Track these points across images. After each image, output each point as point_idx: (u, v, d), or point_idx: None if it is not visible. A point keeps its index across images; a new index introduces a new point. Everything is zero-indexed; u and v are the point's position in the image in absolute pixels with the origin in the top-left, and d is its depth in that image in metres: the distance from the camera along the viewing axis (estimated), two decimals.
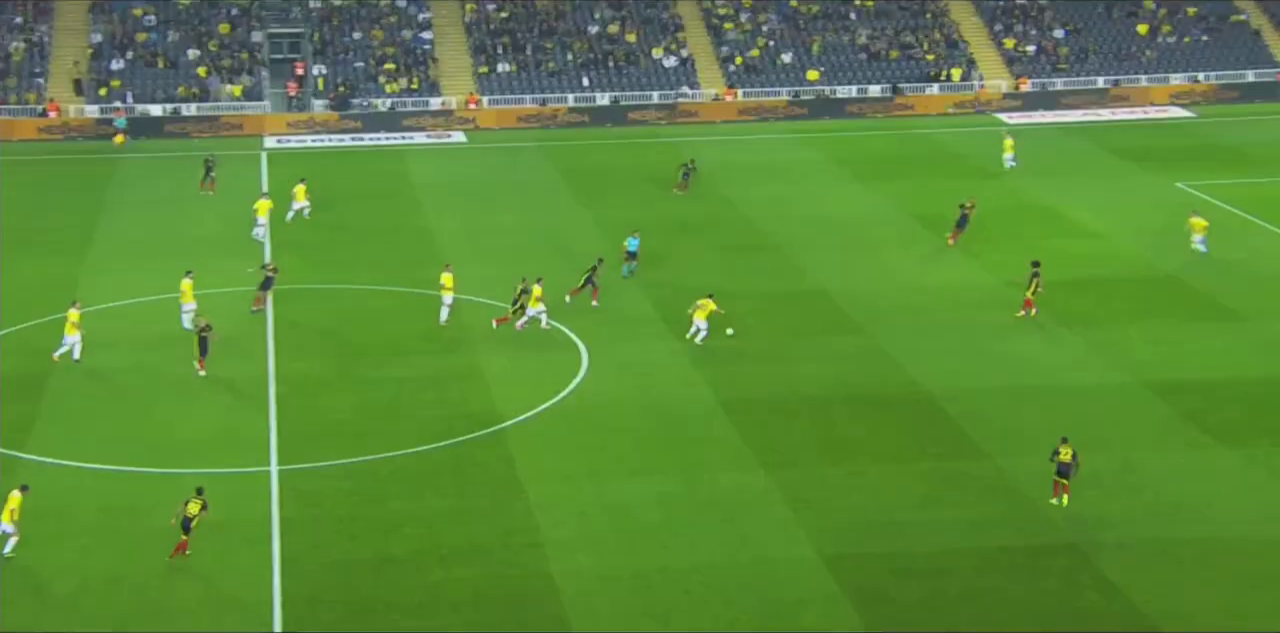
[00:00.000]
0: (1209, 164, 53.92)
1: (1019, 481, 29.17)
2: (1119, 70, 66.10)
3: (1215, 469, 29.52)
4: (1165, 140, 58.28)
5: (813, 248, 44.80)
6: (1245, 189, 50.33)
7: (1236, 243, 44.23)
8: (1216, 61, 66.39)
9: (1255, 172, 52.71)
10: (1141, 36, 67.91)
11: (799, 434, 31.69)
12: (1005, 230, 46.19)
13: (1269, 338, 36.43)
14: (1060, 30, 68.20)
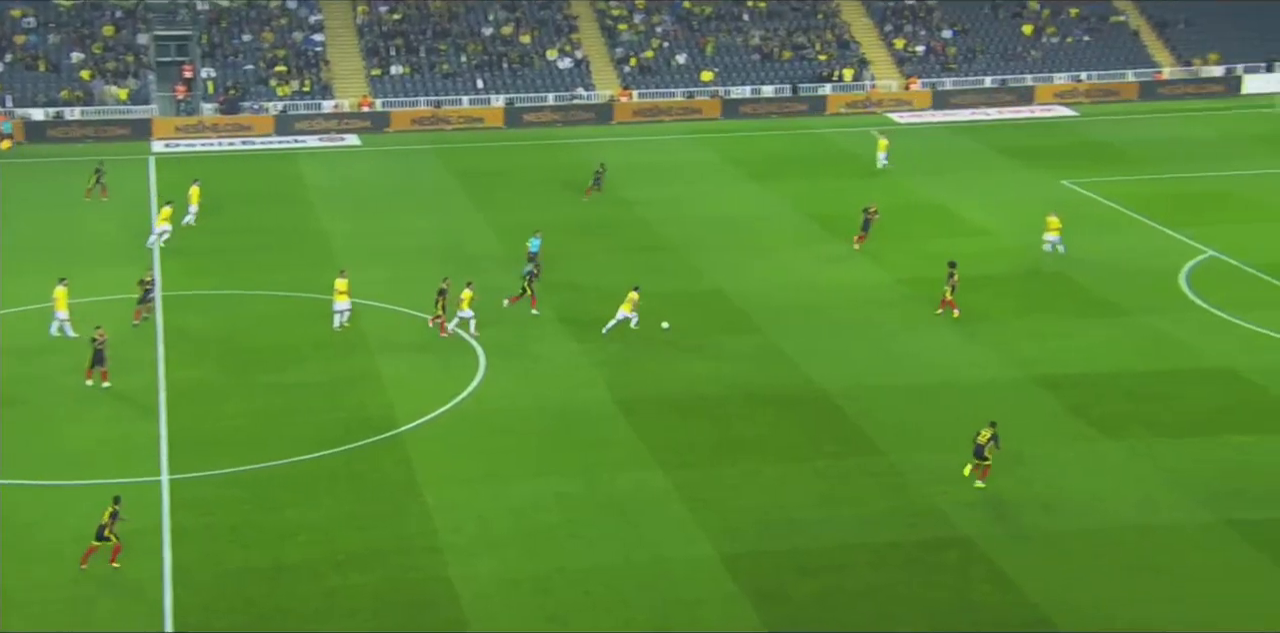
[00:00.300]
0: (1092, 162, 55.07)
1: (914, 477, 29.55)
2: (1005, 70, 67.29)
3: (1101, 461, 30.14)
4: (1050, 139, 59.43)
5: (709, 248, 45.00)
6: (1126, 186, 51.47)
7: (1118, 239, 45.22)
8: (1098, 61, 67.85)
9: (1135, 169, 53.93)
10: (1026, 37, 69.19)
11: (697, 434, 31.81)
12: (897, 229, 46.73)
13: (1149, 331, 37.28)
14: (948, 31, 69.27)
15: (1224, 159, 54.75)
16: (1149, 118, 62.63)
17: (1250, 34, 69.21)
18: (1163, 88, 66.38)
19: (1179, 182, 51.87)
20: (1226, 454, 30.14)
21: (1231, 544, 26.54)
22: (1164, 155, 55.81)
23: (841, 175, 53.67)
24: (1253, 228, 45.94)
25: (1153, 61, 68.20)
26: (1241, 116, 62.43)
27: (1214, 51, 68.27)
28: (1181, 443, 30.71)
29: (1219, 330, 37.20)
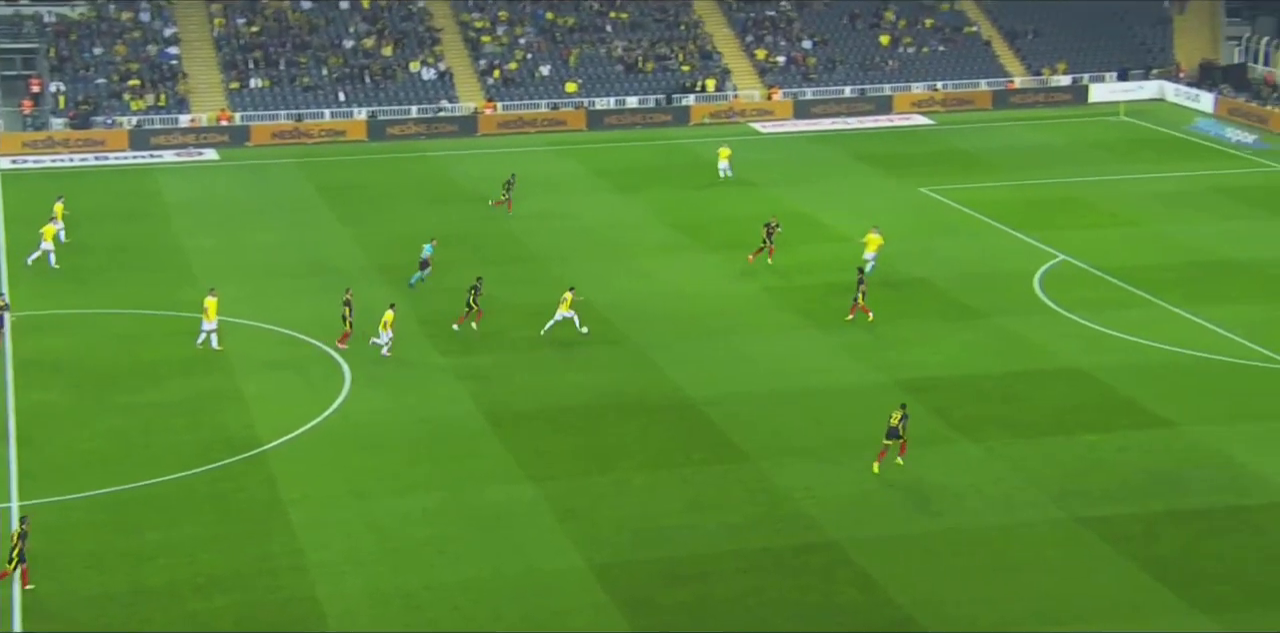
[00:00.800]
0: (948, 169, 56.30)
1: (781, 482, 29.88)
2: (864, 80, 68.50)
3: (961, 462, 30.78)
4: (908, 147, 60.62)
5: (575, 259, 45.05)
6: (981, 192, 52.72)
7: (975, 244, 46.25)
8: (953, 71, 69.41)
9: (990, 176, 55.24)
10: (884, 48, 70.54)
11: (565, 445, 31.80)
12: (760, 236, 47.27)
13: (1005, 334, 38.20)
14: (808, 42, 70.31)
15: (1073, 165, 56.37)
16: (1002, 126, 64.21)
17: (1095, 44, 71.44)
18: (1014, 96, 68.16)
19: (1031, 188, 53.27)
20: (1078, 452, 30.99)
21: (1084, 540, 27.29)
22: (1017, 162, 57.28)
23: (706, 185, 54.12)
24: (1101, 232, 47.35)
25: (1005, 71, 69.98)
26: (1088, 124, 64.33)
27: (1062, 61, 70.32)
28: (1037, 443, 31.51)
29: (1070, 332, 38.26)
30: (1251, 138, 59.12)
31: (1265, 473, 29.67)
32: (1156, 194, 51.87)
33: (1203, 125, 62.13)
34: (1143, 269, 43.18)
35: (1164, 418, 32.57)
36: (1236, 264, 43.59)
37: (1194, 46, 71.15)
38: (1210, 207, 50.00)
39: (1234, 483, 29.27)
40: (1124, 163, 56.76)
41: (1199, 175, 54.32)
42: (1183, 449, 30.99)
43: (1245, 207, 49.74)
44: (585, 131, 63.38)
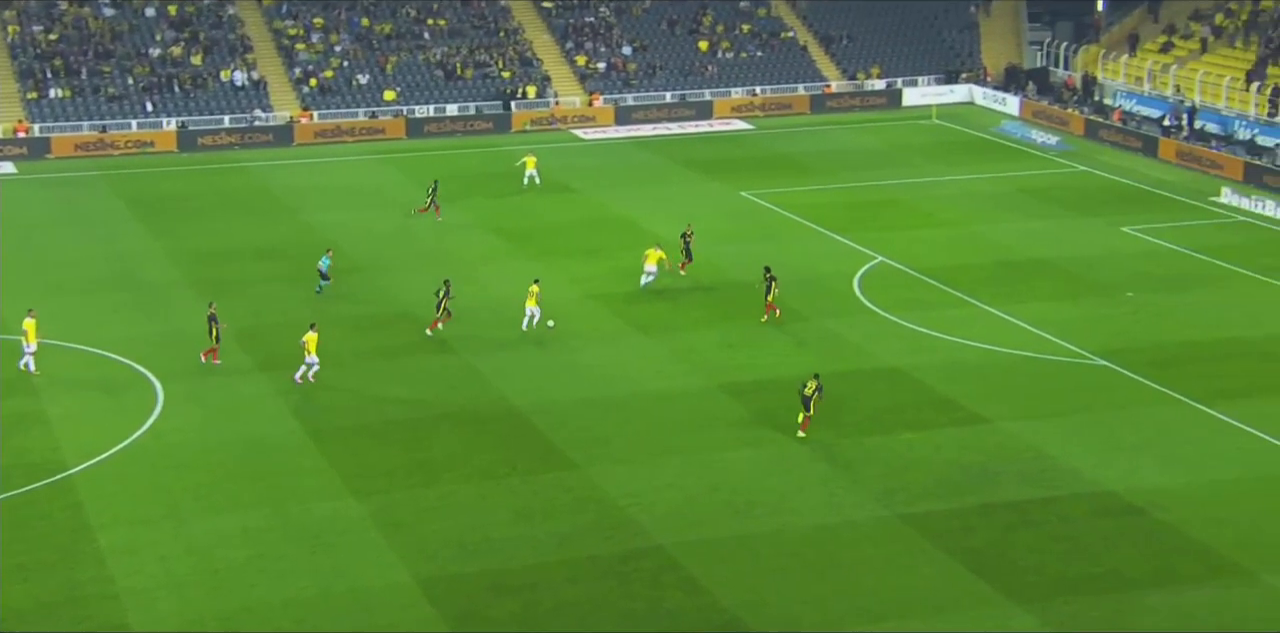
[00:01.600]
0: (768, 173, 57.24)
1: (608, 489, 29.99)
2: (685, 85, 69.25)
3: (785, 464, 31.27)
4: (729, 151, 61.48)
5: (398, 269, 44.59)
6: (801, 196, 53.74)
7: (796, 247, 47.07)
8: (771, 76, 70.62)
9: (809, 179, 56.33)
10: (703, 53, 71.40)
11: (391, 459, 31.43)
12: (585, 242, 47.47)
13: (827, 336, 38.97)
14: (628, 47, 70.80)
15: (889, 168, 57.83)
16: (820, 130, 65.55)
17: (907, 49, 73.41)
18: (831, 101, 69.64)
19: (849, 191, 54.50)
20: (898, 451, 31.78)
21: (904, 536, 27.99)
22: (835, 165, 58.53)
23: (528, 192, 54.08)
24: (917, 233, 48.65)
25: (821, 76, 71.46)
26: (903, 127, 66.06)
27: (876, 65, 72.11)
28: (858, 442, 32.21)
29: (889, 333, 39.22)
30: (1054, 139, 61.45)
31: (1073, 465, 30.83)
32: (968, 195, 53.54)
33: (1009, 128, 64.35)
34: (957, 269, 44.49)
35: (979, 415, 33.60)
36: (1044, 262, 45.22)
37: (1000, 51, 73.68)
38: (1018, 207, 51.79)
39: (1043, 476, 30.34)
40: (937, 165, 58.44)
41: (1007, 176, 56.24)
42: (996, 445, 32.02)
43: (1050, 206, 51.65)
44: (405, 140, 62.77)
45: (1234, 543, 27.25)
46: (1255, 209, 50.29)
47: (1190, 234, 47.79)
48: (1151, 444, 31.85)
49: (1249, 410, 33.25)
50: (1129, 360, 36.57)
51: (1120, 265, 44.53)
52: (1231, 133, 59.47)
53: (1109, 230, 48.45)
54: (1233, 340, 37.99)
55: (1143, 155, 58.85)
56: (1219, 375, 35.61)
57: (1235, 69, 62.64)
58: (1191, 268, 44.36)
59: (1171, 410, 33.64)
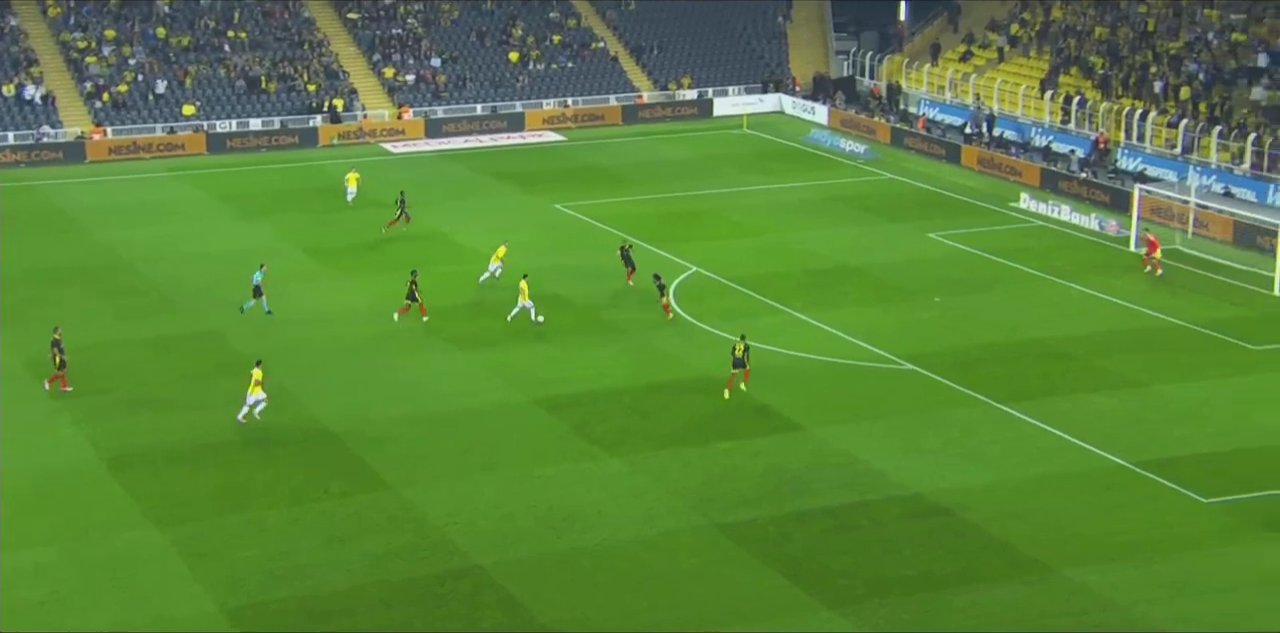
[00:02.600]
0: (582, 184, 57.58)
1: (425, 509, 29.81)
2: (496, 97, 69.24)
3: (603, 478, 31.49)
4: (542, 163, 61.66)
5: (201, 288, 43.63)
6: (615, 207, 54.13)
7: (610, 259, 47.37)
8: (582, 87, 71.06)
9: (622, 190, 56.80)
10: (514, 64, 71.49)
11: (196, 485, 30.72)
12: (398, 258, 47.10)
13: (642, 347, 39.38)
14: (437, 59, 70.48)
15: (701, 178, 58.68)
16: (632, 140, 66.16)
17: (717, 59, 74.61)
18: (643, 111, 70.39)
19: (663, 201, 55.12)
20: (715, 460, 32.27)
21: (721, 546, 28.43)
22: (648, 176, 59.13)
23: (337, 208, 53.41)
24: (729, 243, 49.48)
25: (633, 86, 72.17)
26: (714, 137, 67.11)
27: (686, 75, 73.14)
28: (675, 453, 32.60)
29: (705, 343, 39.77)
30: (862, 148, 63.14)
31: (883, 469, 31.72)
32: (779, 204, 54.66)
33: (818, 136, 65.91)
34: (769, 277, 45.39)
35: (793, 422, 34.32)
36: (853, 269, 46.43)
37: (808, 61, 75.45)
38: (828, 215, 53.08)
39: (856, 480, 31.14)
40: (749, 174, 59.52)
41: (817, 185, 57.58)
42: (810, 451, 32.75)
43: (859, 214, 53.05)
44: (206, 156, 61.42)
45: (1034, 540, 28.35)
46: (1051, 214, 52.44)
47: (991, 239, 49.61)
48: (956, 445, 32.96)
49: (1045, 409, 34.65)
50: (934, 364, 37.78)
51: (927, 271, 45.98)
52: (1028, 140, 61.93)
53: (915, 236, 49.99)
54: (1030, 341, 39.56)
55: (946, 162, 60.88)
56: (1017, 376, 37.03)
57: (1030, 77, 65.28)
58: (993, 272, 46.03)
59: (974, 412, 34.86)
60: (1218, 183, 53.20)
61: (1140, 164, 56.71)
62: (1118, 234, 49.80)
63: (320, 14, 71.02)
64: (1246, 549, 27.86)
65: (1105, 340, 39.53)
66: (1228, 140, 54.23)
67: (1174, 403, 35.16)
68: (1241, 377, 36.85)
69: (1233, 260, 46.51)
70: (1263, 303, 42.93)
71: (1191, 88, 58.18)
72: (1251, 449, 32.39)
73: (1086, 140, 59.58)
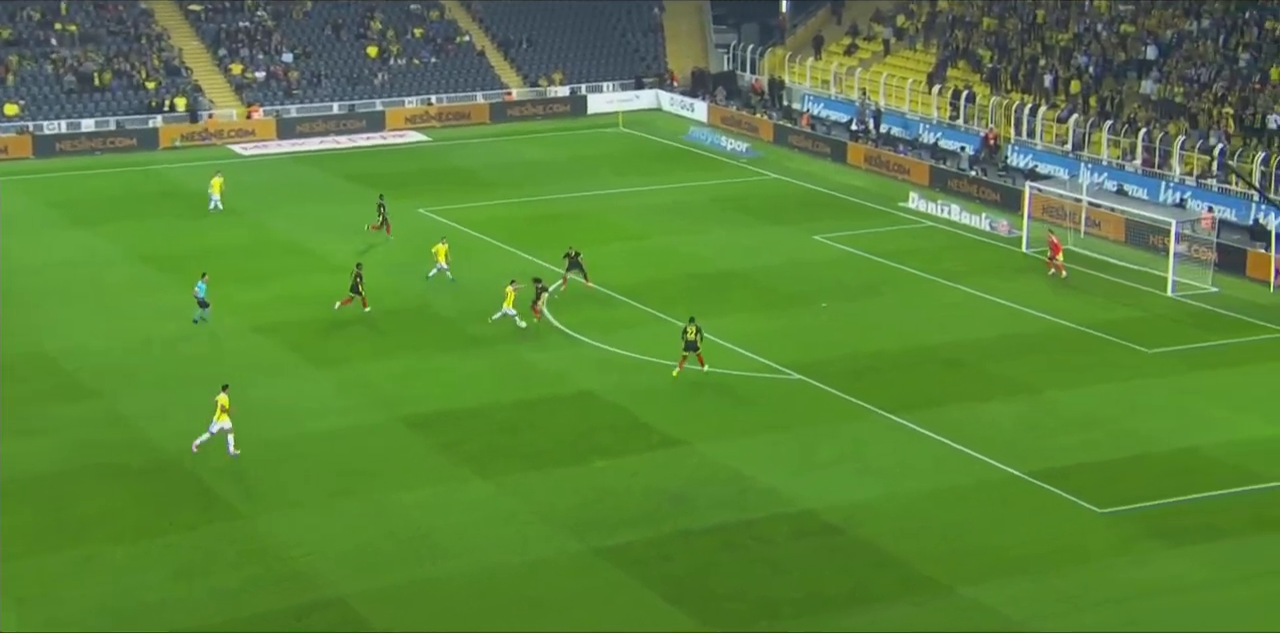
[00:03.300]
0: (448, 187, 57.34)
1: (280, 539, 29.41)
2: (353, 95, 68.67)
3: (472, 501, 31.32)
4: (404, 165, 61.30)
5: (26, 305, 42.66)
6: (483, 211, 54.04)
7: (479, 267, 47.28)
8: (447, 84, 70.79)
9: (491, 193, 56.71)
10: (372, 60, 70.98)
11: (21, 522, 29.95)
12: (246, 268, 46.51)
13: (514, 361, 39.30)
14: (289, 54, 69.69)
15: (575, 179, 58.78)
16: (501, 140, 66.04)
17: (590, 53, 74.83)
18: (512, 109, 70.32)
19: (534, 204, 55.12)
20: (591, 480, 32.28)
21: (600, 570, 28.42)
22: (518, 178, 59.08)
23: (180, 215, 52.58)
24: (606, 248, 49.53)
25: (501, 83, 72.07)
26: (588, 136, 67.28)
27: (558, 71, 73.24)
28: (549, 473, 32.56)
29: (580, 355, 39.83)
30: (744, 146, 63.74)
31: (769, 484, 32.00)
32: (658, 206, 54.94)
33: (698, 135, 66.40)
34: (648, 284, 45.58)
35: (675, 437, 34.47)
36: (737, 274, 46.82)
37: (686, 55, 75.99)
38: (709, 217, 53.46)
39: (742, 498, 31.37)
40: (625, 175, 59.74)
41: (697, 186, 57.98)
42: (692, 468, 32.93)
43: (741, 216, 53.53)
44: (32, 160, 60.02)
45: (928, 556, 28.80)
46: (940, 213, 53.42)
47: (880, 240, 50.39)
48: (847, 459, 33.38)
49: (938, 419, 35.25)
50: (823, 373, 38.23)
51: (813, 275, 46.55)
52: (916, 136, 63.06)
53: (801, 239, 50.59)
54: (921, 348, 40.22)
55: (832, 161, 61.72)
56: (909, 384, 37.62)
57: (917, 71, 66.49)
58: (882, 275, 46.75)
59: (865, 423, 35.34)
60: (1110, 180, 54.66)
61: (1031, 161, 58.08)
62: (1009, 234, 50.90)
63: (159, 6, 69.87)
64: (1139, 560, 28.59)
65: (997, 345, 40.36)
66: (1119, 136, 55.76)
67: (1067, 409, 36.00)
68: (1135, 381, 37.86)
69: (1125, 260, 47.80)
70: (1156, 304, 44.19)
71: (1082, 81, 59.73)
72: (1144, 456, 33.29)
73: (976, 137, 60.84)
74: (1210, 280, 45.24)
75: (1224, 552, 28.88)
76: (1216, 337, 41.19)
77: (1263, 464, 32.68)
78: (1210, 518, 30.24)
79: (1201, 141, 53.33)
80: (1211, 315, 43.09)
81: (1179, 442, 34.03)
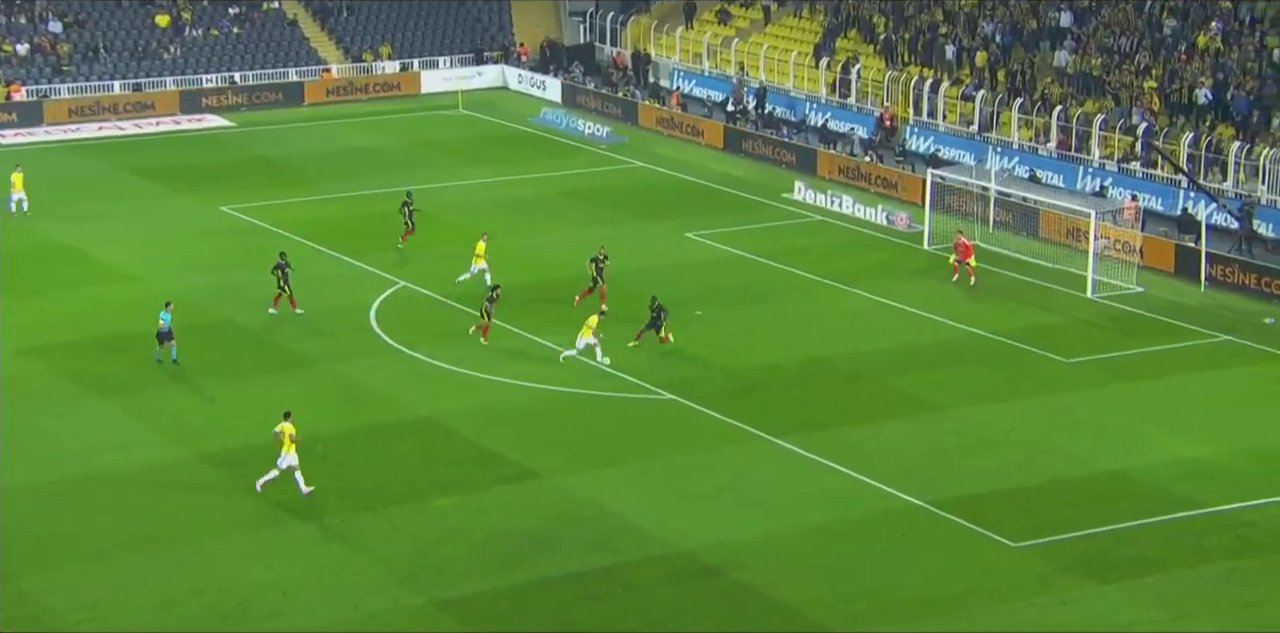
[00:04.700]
0: (255, 182, 56.94)
1: (57, 601, 29.02)
2: (139, 72, 67.84)
3: (290, 548, 31.15)
4: (203, 156, 60.76)
5: None
6: (300, 209, 53.81)
7: (295, 274, 46.83)
8: (253, 59, 70.26)
9: (310, 188, 56.48)
10: (163, 30, 70.21)
11: None
12: (25, 280, 46.00)
13: (339, 383, 39.20)
14: (57, 23, 68.65)
15: (408, 171, 58.65)
16: (319, 125, 65.75)
17: (422, 24, 74.64)
18: (332, 89, 69.98)
19: (359, 201, 54.99)
20: (432, 521, 32.27)
21: (441, 627, 28.41)
22: (341, 170, 58.91)
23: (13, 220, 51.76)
24: (445, 250, 49.55)
25: (318, 58, 71.71)
26: (423, 120, 67.25)
27: (385, 44, 73.00)
28: (383, 514, 32.48)
29: (417, 375, 39.83)
30: (605, 130, 64.14)
31: (639, 523, 32.28)
32: (505, 201, 55.11)
33: (551, 117, 66.67)
34: None
35: (529, 469, 34.63)
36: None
37: (535, 25, 76.28)
38: (564, 213, 53.75)
39: (607, 539, 31.60)
40: (467, 166, 59.83)
41: (550, 176, 58.26)
42: (551, 504, 33.10)
43: (602, 211, 53.87)
44: None
45: (820, 600, 29.23)
46: (831, 206, 54.27)
47: (762, 238, 51.06)
48: (728, 491, 33.78)
49: (832, 442, 35.85)
50: (700, 392, 38.65)
51: (686, 278, 47.03)
52: (802, 118, 63.98)
53: (672, 237, 51.08)
54: (812, 361, 40.85)
55: (706, 147, 62.36)
56: (799, 403, 38.21)
57: (803, 42, 67.52)
58: (766, 278, 47.38)
59: (748, 449, 35.80)
60: (1021, 166, 56.01)
61: (932, 145, 59.29)
62: (909, 229, 51.90)
63: None
64: (1060, 600, 29.28)
65: (899, 357, 41.14)
66: (1030, 115, 57.17)
67: (977, 429, 36.82)
68: (1052, 395, 38.84)
69: (1040, 257, 48.98)
70: (1074, 307, 45.38)
71: (988, 52, 61.12)
72: (1064, 481, 34.16)
73: (870, 117, 61.92)
74: (1135, 279, 46.58)
75: (1156, 588, 29.71)
76: (1142, 343, 42.43)
77: (1197, 488, 33.73)
78: (1140, 550, 31.12)
79: (1123, 121, 54.92)
80: (1136, 319, 44.39)
81: (1103, 464, 34.98)
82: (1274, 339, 42.44)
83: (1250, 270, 46.16)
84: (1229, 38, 56.46)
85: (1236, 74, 54.31)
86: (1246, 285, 45.97)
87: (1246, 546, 31.17)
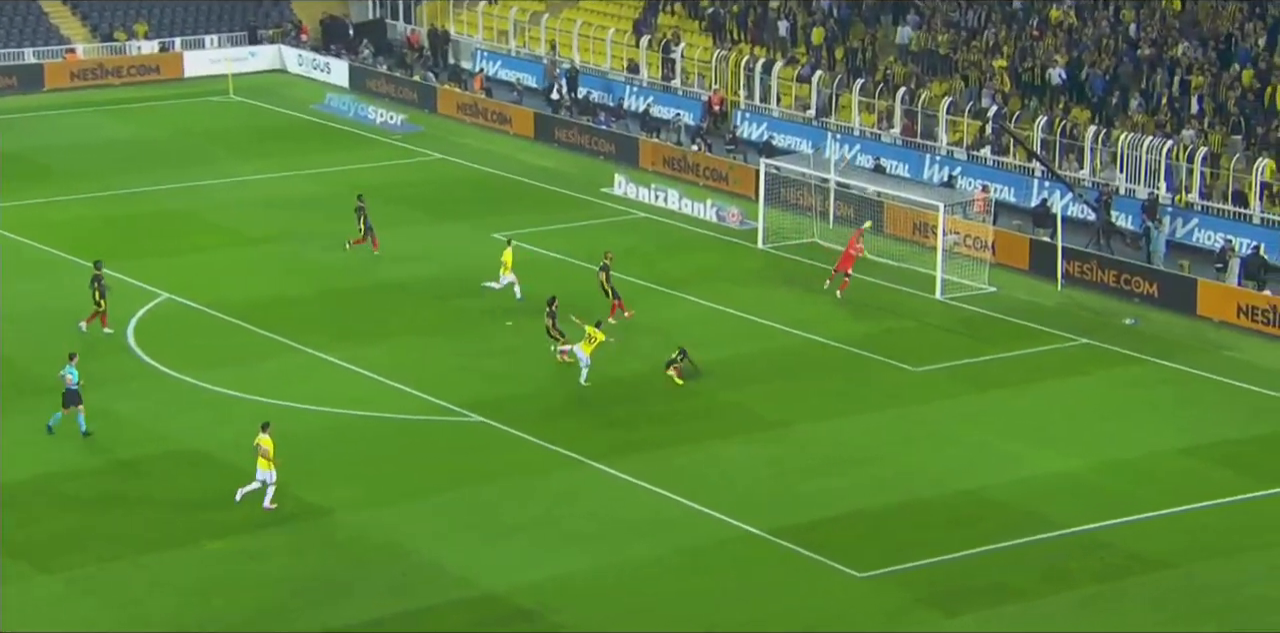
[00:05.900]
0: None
1: None
2: None
3: (33, 604, 30.57)
4: None
5: None
6: (41, 211, 53.20)
7: (34, 288, 46.36)
8: None
9: (52, 187, 55.85)
10: None
11: None
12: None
13: (94, 411, 38.45)
14: None
15: (170, 167, 58.09)
16: (65, 114, 64.91)
17: None
18: (79, 72, 68.93)
19: (113, 200, 54.45)
20: (199, 569, 31.82)
21: None
22: (89, 165, 58.35)
23: None
24: (214, 257, 49.23)
25: (61, 36, 70.66)
26: (186, 107, 66.63)
27: (140, 22, 72.04)
28: (141, 562, 32.02)
29: (184, 400, 39.51)
30: (398, 118, 64.00)
31: (443, 562, 32.24)
32: (284, 200, 54.81)
33: (336, 104, 66.36)
34: (273, 303, 45.45)
35: (314, 505, 34.46)
36: (392, 286, 47.04)
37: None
38: (353, 212, 53.40)
39: (406, 581, 31.42)
40: (239, 159, 59.42)
41: (336, 171, 58.01)
42: (343, 544, 32.95)
43: (397, 209, 53.63)
44: None
45: None
46: (655, 201, 54.70)
47: (579, 238, 51.31)
48: (542, 523, 33.89)
49: (659, 466, 36.16)
50: (510, 413, 38.75)
51: None
52: (621, 102, 64.38)
53: (477, 238, 51.12)
54: (638, 375, 41.16)
55: (514, 136, 62.47)
56: (624, 423, 38.52)
57: (620, 17, 68.01)
58: (583, 283, 47.52)
59: (566, 475, 35.96)
60: (863, 153, 56.97)
61: (766, 131, 60.06)
62: (741, 227, 52.50)
63: None
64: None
65: (734, 368, 41.61)
66: (872, 98, 58.15)
67: (819, 446, 37.38)
68: (901, 407, 39.56)
69: (884, 255, 49.83)
70: (922, 310, 46.28)
71: (825, 28, 62.07)
72: (914, 503, 34.82)
73: (696, 102, 62.52)
74: (986, 278, 47.63)
75: (1012, 618, 30.39)
76: (996, 348, 43.39)
77: (1057, 507, 34.55)
78: (997, 577, 31.83)
79: (972, 103, 56.11)
80: (989, 321, 45.40)
81: (956, 483, 35.70)
82: (1134, 341, 43.66)
83: (1109, 267, 47.34)
84: (1082, 11, 57.95)
85: (1091, 51, 55.76)
86: (1105, 283, 47.18)
87: (1109, 569, 32.01)
